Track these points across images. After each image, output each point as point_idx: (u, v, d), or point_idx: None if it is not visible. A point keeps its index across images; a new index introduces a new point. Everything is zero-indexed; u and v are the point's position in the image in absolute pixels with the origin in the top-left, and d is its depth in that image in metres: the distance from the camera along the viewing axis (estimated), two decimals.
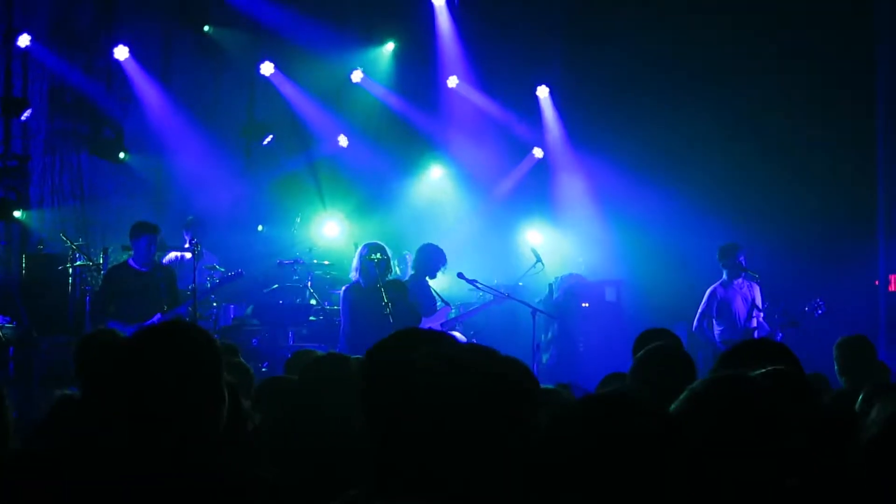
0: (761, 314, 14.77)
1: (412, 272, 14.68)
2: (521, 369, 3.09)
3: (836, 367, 8.32)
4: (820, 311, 14.57)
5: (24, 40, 17.08)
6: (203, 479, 3.56)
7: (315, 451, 4.65)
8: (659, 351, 5.80)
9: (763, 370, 3.79)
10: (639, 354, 5.85)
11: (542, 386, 5.31)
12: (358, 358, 5.86)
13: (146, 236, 13.42)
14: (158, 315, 13.13)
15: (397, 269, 14.12)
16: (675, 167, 18.95)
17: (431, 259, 14.35)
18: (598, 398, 2.86)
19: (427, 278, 14.27)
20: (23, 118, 17.28)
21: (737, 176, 18.68)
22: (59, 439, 5.25)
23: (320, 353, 7.30)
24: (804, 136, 18.33)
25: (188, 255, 15.38)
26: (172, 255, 15.58)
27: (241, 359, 7.61)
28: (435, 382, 2.91)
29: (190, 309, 13.55)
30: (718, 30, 18.66)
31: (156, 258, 13.75)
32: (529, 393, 3.02)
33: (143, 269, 13.45)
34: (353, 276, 13.39)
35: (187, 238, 15.87)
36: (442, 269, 14.37)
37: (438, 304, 14.33)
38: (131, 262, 13.56)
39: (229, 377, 3.94)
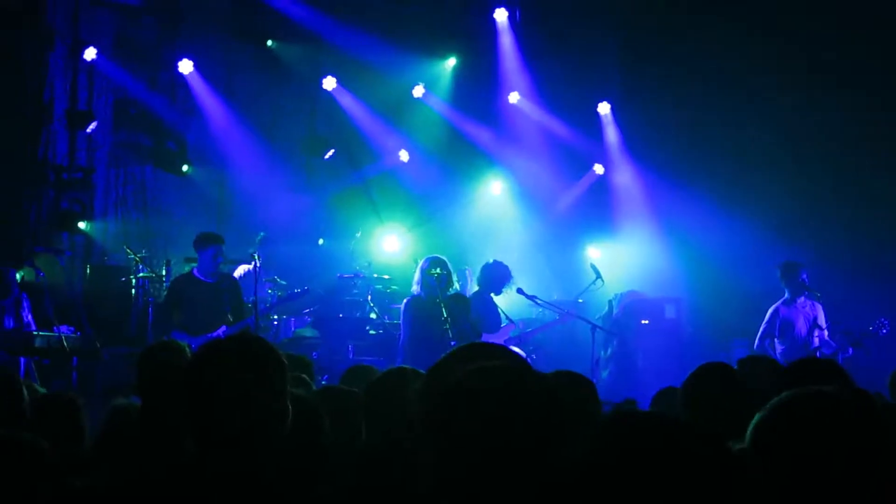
0: (825, 333, 14.63)
1: (476, 288, 14.67)
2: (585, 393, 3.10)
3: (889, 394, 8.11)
4: (885, 331, 14.40)
5: (90, 54, 17.30)
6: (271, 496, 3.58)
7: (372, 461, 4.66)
8: (714, 369, 5.77)
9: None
10: (692, 374, 5.81)
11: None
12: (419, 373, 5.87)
13: (213, 247, 13.39)
14: (224, 327, 13.13)
15: (457, 284, 14.09)
16: (737, 184, 18.86)
17: (497, 275, 14.36)
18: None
19: (492, 294, 14.28)
20: (88, 131, 17.48)
21: (800, 194, 18.55)
22: (117, 451, 5.30)
23: (377, 368, 7.32)
24: (868, 156, 18.19)
25: (250, 267, 15.50)
26: (242, 268, 15.63)
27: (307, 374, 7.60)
28: (502, 411, 2.93)
29: (254, 322, 13.56)
30: (781, 47, 18.54)
31: (222, 269, 13.77)
32: (591, 416, 3.03)
33: (209, 281, 13.44)
34: (415, 289, 13.40)
35: (256, 256, 15.98)
36: (507, 286, 14.38)
37: (503, 321, 14.33)
38: (196, 272, 13.56)
39: (301, 391, 3.96)
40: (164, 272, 15.97)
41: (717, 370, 5.81)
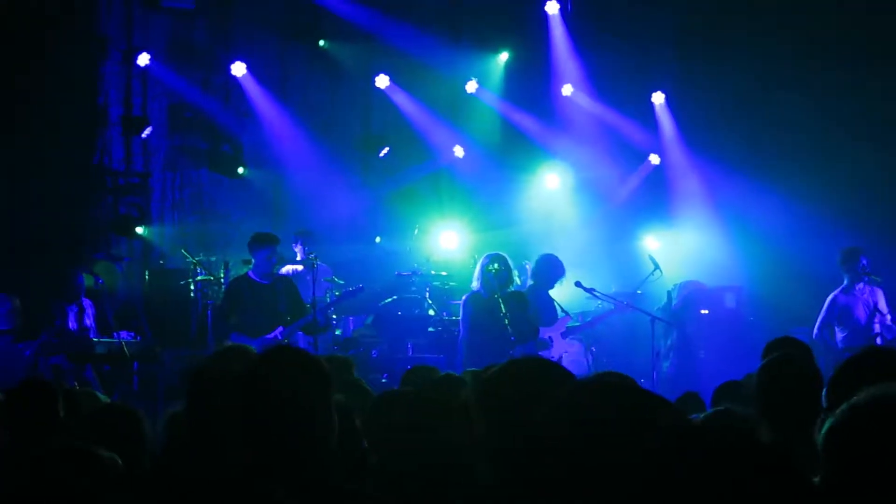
0: (886, 318, 14.49)
1: (531, 282, 14.65)
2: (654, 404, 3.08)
3: None
4: None
5: (143, 59, 17.43)
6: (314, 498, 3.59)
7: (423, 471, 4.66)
8: (783, 364, 5.66)
9: None
10: (762, 365, 5.71)
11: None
12: (473, 374, 5.85)
13: (268, 248, 13.44)
14: (281, 328, 13.18)
15: (518, 279, 14.08)
16: (795, 171, 18.69)
17: (550, 269, 14.35)
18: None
19: (546, 288, 14.25)
20: (143, 136, 17.61)
21: (859, 179, 18.36)
22: (173, 459, 5.31)
23: (438, 371, 7.30)
24: None
25: (300, 267, 15.51)
26: (287, 268, 15.67)
27: (358, 375, 7.59)
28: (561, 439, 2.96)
29: (311, 322, 13.57)
30: (838, 29, 18.38)
31: (273, 272, 13.80)
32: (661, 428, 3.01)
33: (264, 282, 13.47)
34: (475, 285, 13.43)
35: (297, 250, 16.00)
36: (560, 279, 14.35)
37: (559, 314, 14.29)
38: (251, 274, 13.61)
39: (339, 396, 3.97)
40: (221, 274, 16.04)
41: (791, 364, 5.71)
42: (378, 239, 18.86)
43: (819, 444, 2.89)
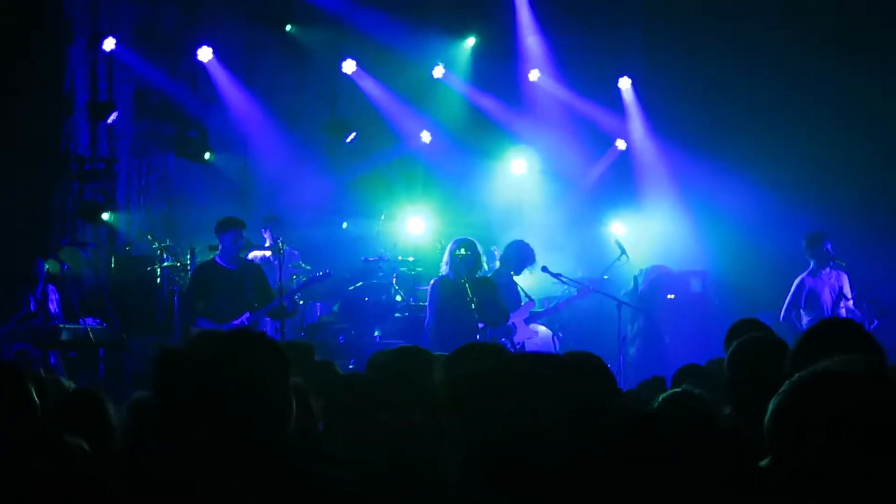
0: (850, 302, 14.61)
1: (497, 265, 14.69)
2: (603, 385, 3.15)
3: None
4: None
5: (109, 44, 17.32)
6: (272, 480, 3.62)
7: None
8: (756, 342, 5.69)
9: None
10: (732, 347, 5.73)
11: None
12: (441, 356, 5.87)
13: (233, 231, 13.42)
14: (247, 314, 13.18)
15: (486, 265, 14.11)
16: (760, 156, 18.78)
17: (520, 255, 14.35)
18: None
19: (512, 274, 14.26)
20: (109, 121, 17.53)
21: (823, 163, 18.46)
22: (143, 443, 5.31)
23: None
24: (893, 122, 18.08)
25: (268, 253, 15.50)
26: (254, 254, 15.66)
27: (324, 357, 7.61)
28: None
29: (277, 307, 13.56)
30: (805, 15, 18.45)
31: (240, 258, 13.79)
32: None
33: (231, 267, 13.46)
34: (443, 270, 13.45)
35: (266, 236, 15.99)
36: (529, 266, 14.37)
37: (522, 298, 14.31)
38: (218, 259, 13.58)
39: (296, 379, 4.01)
40: (188, 261, 16.02)
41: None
42: (345, 224, 18.85)
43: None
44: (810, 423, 2.77)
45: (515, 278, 14.29)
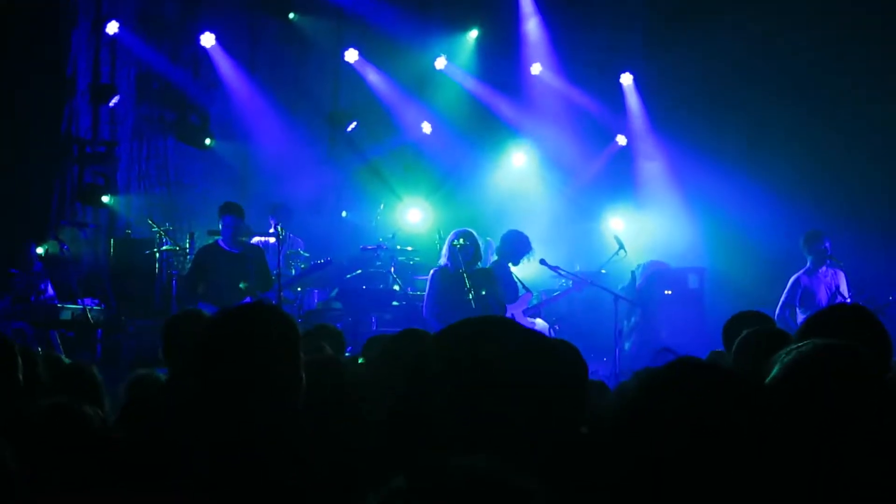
0: (847, 301, 14.61)
1: (495, 258, 14.71)
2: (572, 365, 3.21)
3: None
4: None
5: (112, 28, 17.36)
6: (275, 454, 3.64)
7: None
8: (763, 333, 5.73)
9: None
10: (740, 338, 5.76)
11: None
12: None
13: (226, 216, 13.61)
14: (248, 299, 13.23)
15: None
16: (760, 154, 18.82)
17: (516, 246, 14.34)
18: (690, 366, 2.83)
19: (510, 265, 14.29)
20: (111, 105, 17.55)
21: (822, 162, 18.50)
22: (141, 419, 5.35)
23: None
24: (891, 124, 18.12)
25: (272, 239, 15.52)
26: (256, 239, 15.70)
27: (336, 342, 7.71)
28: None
29: (277, 294, 13.61)
30: (805, 16, 18.48)
31: (243, 241, 13.85)
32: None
33: (234, 251, 13.57)
34: (442, 261, 13.49)
35: (272, 223, 16.00)
36: (527, 256, 14.37)
37: (520, 290, 14.33)
38: (220, 242, 13.70)
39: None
40: (187, 245, 16.07)
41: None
42: (344, 213, 18.88)
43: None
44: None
45: (514, 269, 14.32)
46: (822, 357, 3.05)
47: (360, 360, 6.71)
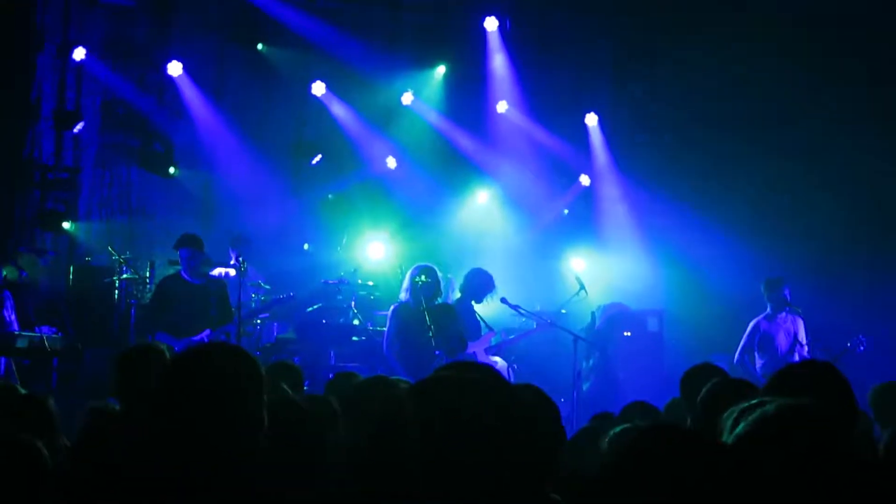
0: (804, 348, 14.69)
1: (458, 295, 14.70)
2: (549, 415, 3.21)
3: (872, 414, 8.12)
4: (862, 347, 14.48)
5: (79, 53, 17.30)
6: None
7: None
8: (728, 385, 5.75)
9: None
10: (705, 389, 5.77)
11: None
12: (403, 383, 5.89)
13: (186, 249, 13.60)
14: (208, 331, 13.18)
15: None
16: (721, 199, 18.94)
17: (480, 284, 14.38)
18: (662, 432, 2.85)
19: (473, 303, 14.29)
20: (75, 131, 17.47)
21: (783, 210, 18.65)
22: (96, 452, 5.30)
23: (360, 375, 7.32)
24: (851, 172, 18.27)
25: (232, 271, 15.46)
26: (217, 270, 15.64)
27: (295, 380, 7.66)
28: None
29: (237, 327, 13.57)
30: (766, 61, 18.64)
31: (205, 273, 13.81)
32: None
33: (195, 282, 13.52)
34: (403, 296, 13.49)
35: (233, 255, 15.94)
36: (490, 295, 14.40)
37: (483, 329, 14.34)
38: (184, 273, 13.66)
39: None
40: (147, 274, 15.98)
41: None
42: (306, 246, 18.82)
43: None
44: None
45: (476, 307, 14.32)
46: (786, 418, 3.06)
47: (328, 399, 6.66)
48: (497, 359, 14.48)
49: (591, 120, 20.44)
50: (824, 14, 18.17)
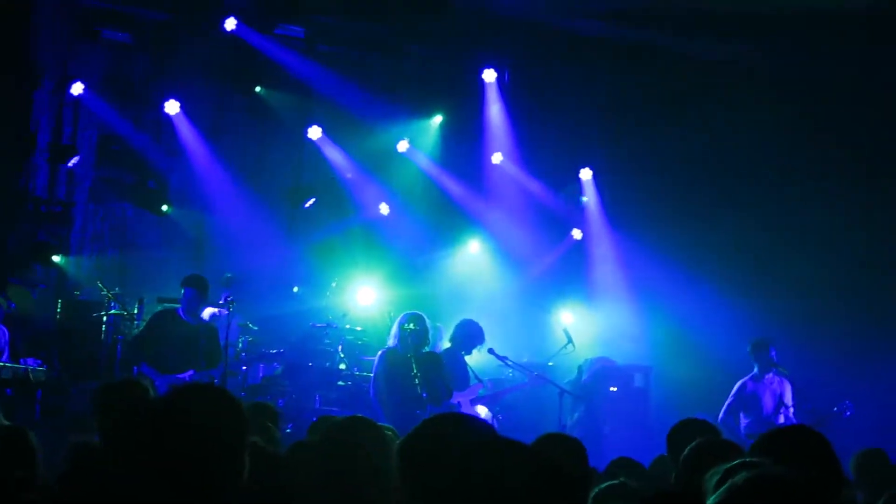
0: (790, 410, 14.70)
1: (448, 345, 14.71)
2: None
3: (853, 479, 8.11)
4: (848, 413, 14.49)
5: (77, 88, 17.34)
6: None
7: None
8: (712, 445, 5.75)
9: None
10: (689, 448, 5.78)
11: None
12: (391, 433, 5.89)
13: (188, 289, 13.63)
14: (192, 371, 13.16)
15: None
16: (712, 258, 18.96)
17: (470, 335, 14.44)
18: None
19: (463, 353, 14.31)
20: (70, 165, 17.49)
21: (772, 272, 18.69)
22: (79, 488, 5.28)
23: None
24: (841, 235, 18.34)
25: (226, 311, 15.49)
26: (209, 310, 15.63)
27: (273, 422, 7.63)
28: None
29: (223, 369, 13.57)
30: (762, 118, 18.74)
31: (196, 313, 13.83)
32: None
33: (190, 321, 13.55)
34: (391, 342, 13.49)
35: (224, 296, 15.95)
36: (479, 346, 14.43)
37: (471, 379, 14.35)
38: (180, 310, 13.69)
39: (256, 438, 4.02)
40: (136, 310, 15.94)
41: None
42: (296, 289, 18.81)
43: None
44: None
45: (466, 358, 14.35)
46: (766, 487, 3.06)
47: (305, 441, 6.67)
48: (481, 409, 14.48)
49: (586, 174, 20.51)
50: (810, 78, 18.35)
